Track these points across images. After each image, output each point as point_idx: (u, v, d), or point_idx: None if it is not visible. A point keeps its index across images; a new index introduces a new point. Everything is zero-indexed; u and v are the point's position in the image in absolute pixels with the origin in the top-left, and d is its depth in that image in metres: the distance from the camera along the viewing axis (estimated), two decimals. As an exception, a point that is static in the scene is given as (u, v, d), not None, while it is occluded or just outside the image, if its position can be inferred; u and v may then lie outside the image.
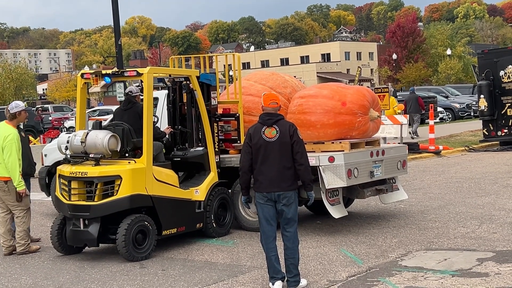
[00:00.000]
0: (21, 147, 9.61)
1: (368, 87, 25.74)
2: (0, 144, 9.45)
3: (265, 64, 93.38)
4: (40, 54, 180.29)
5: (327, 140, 10.04)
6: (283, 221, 7.23)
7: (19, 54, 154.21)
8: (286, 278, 7.18)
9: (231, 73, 21.37)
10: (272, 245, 7.20)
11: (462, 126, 28.96)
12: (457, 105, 36.92)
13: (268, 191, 7.13)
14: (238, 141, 10.52)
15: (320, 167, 9.56)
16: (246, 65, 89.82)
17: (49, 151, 12.80)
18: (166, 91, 11.11)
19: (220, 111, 10.69)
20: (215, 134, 10.34)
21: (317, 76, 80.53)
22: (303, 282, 7.28)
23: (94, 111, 37.71)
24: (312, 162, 9.63)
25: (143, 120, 9.69)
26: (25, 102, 11.32)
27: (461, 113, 36.50)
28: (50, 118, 41.30)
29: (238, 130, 10.49)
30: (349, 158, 9.65)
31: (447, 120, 35.22)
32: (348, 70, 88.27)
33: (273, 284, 7.16)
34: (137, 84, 10.91)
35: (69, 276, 8.29)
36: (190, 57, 12.07)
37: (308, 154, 9.66)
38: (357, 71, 59.92)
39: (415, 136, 25.61)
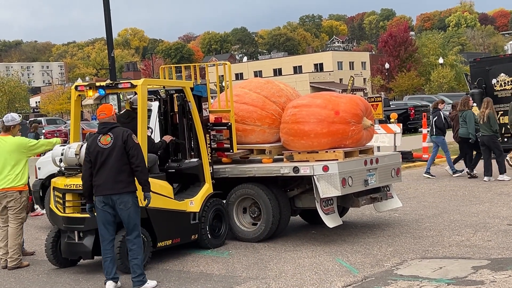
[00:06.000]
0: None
1: (361, 96, 25.83)
2: (25, 152, 9.84)
3: (258, 74, 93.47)
4: (32, 67, 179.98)
5: (321, 149, 10.05)
6: (124, 224, 7.83)
7: (11, 67, 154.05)
8: (131, 278, 7.79)
9: (224, 84, 21.35)
10: (108, 247, 7.85)
11: (455, 134, 28.93)
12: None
13: (105, 194, 7.69)
14: (231, 150, 10.51)
15: (314, 176, 9.58)
16: (239, 76, 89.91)
17: (43, 164, 12.76)
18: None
19: (212, 119, 10.69)
20: (208, 145, 10.32)
21: (310, 86, 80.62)
22: (152, 283, 7.81)
23: None
24: (307, 171, 9.67)
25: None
26: (20, 117, 11.46)
27: (454, 122, 36.46)
28: (43, 131, 41.25)
29: (231, 139, 10.45)
30: (343, 167, 9.66)
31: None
32: (341, 79, 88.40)
33: (105, 283, 7.82)
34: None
35: (64, 289, 8.26)
36: (181, 66, 12.04)
37: (302, 164, 9.84)
38: (349, 81, 60.01)
39: None
